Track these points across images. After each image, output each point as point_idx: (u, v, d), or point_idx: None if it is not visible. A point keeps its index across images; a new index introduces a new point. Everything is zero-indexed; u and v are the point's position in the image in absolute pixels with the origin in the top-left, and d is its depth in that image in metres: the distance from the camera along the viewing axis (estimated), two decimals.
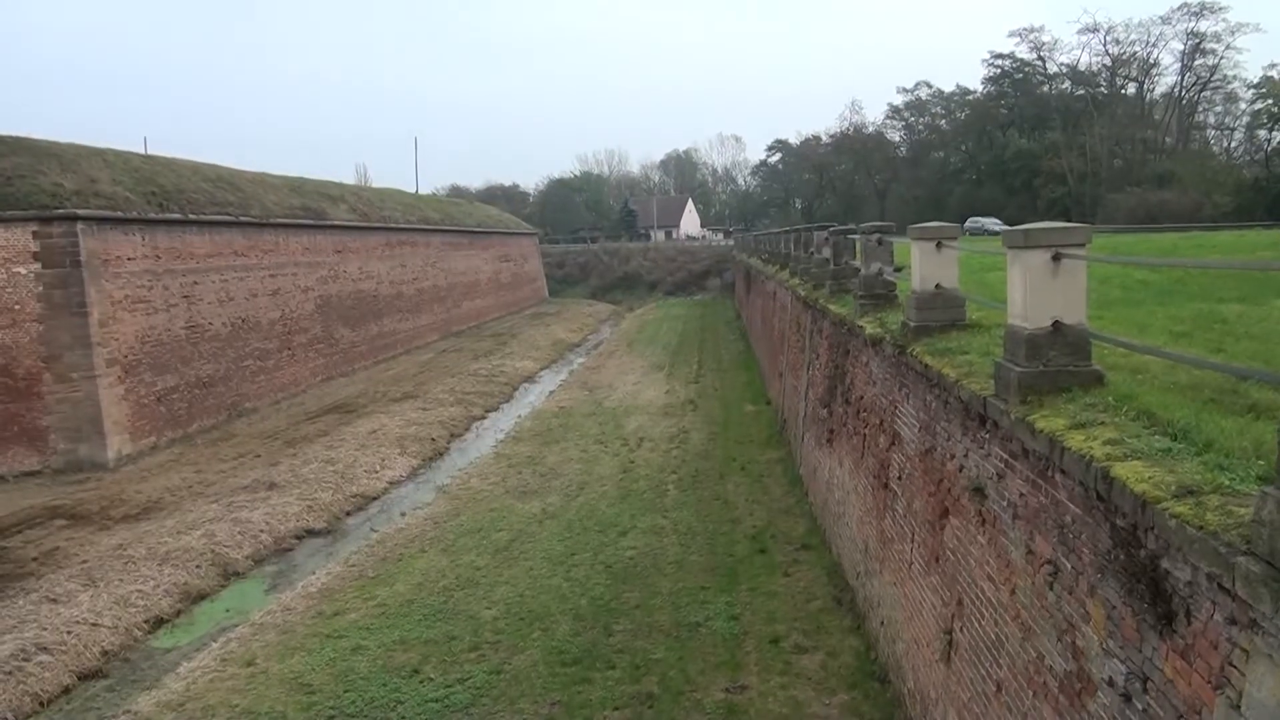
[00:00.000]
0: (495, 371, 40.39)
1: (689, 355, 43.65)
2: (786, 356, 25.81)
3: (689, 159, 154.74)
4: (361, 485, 23.09)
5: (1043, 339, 6.90)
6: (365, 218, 47.41)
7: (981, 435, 8.03)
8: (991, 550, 7.70)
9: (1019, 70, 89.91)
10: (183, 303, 29.81)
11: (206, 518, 20.04)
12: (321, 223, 41.24)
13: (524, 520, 19.50)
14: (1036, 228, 6.95)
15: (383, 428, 28.70)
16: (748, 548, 17.13)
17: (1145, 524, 4.91)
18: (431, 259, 56.58)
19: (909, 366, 10.65)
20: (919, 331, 10.64)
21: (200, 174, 34.48)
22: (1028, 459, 6.86)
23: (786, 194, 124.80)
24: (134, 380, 26.91)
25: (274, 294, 35.98)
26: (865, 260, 14.43)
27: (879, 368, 12.75)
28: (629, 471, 23.04)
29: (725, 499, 20.30)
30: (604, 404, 32.24)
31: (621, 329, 59.89)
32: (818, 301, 19.08)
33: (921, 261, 10.60)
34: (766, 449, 24.50)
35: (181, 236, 30.19)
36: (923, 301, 10.66)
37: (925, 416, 10.09)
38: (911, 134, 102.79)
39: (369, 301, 45.59)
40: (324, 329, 40.00)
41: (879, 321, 13.10)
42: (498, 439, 28.52)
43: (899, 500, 11.23)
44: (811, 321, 20.63)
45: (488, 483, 22.83)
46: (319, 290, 40.08)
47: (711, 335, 51.84)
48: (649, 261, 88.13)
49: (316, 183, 46.72)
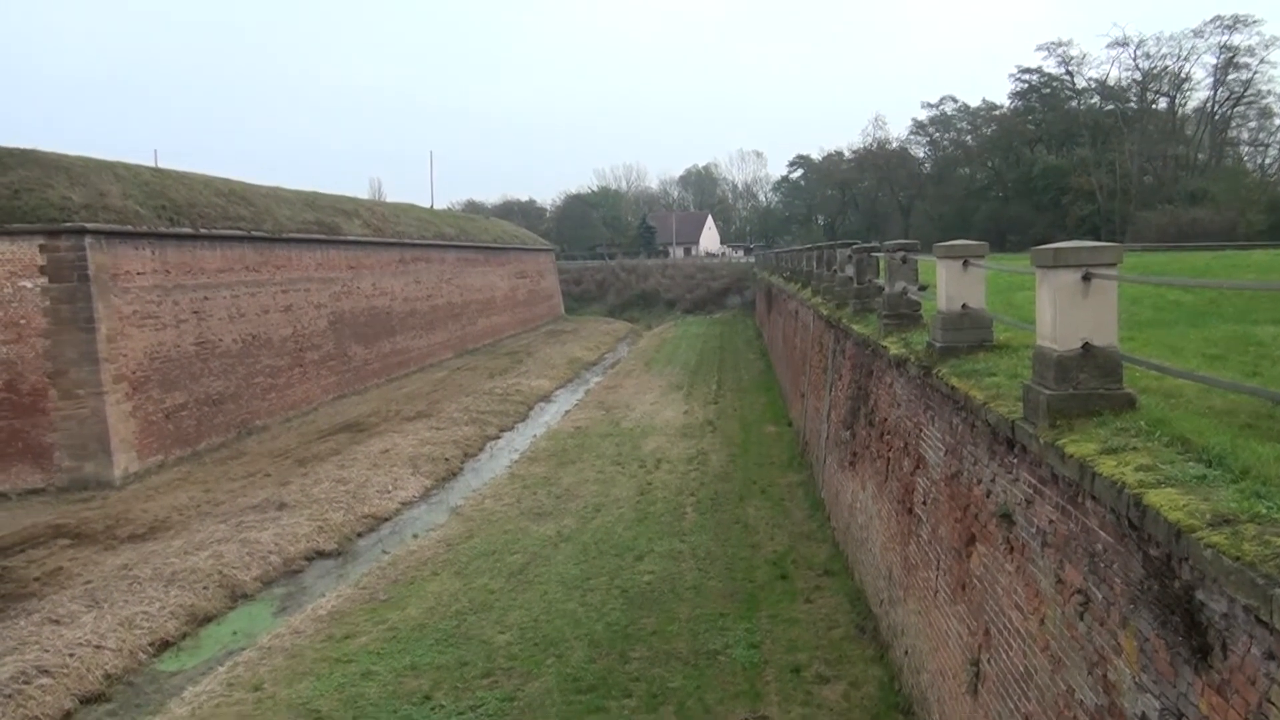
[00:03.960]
0: (510, 390, 40.46)
1: (708, 375, 43.61)
2: (808, 377, 25.73)
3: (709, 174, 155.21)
4: (373, 506, 23.13)
5: (1073, 361, 6.86)
6: (379, 233, 47.73)
7: (1009, 460, 7.98)
8: (1020, 579, 7.64)
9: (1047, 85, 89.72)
10: (193, 318, 30.06)
11: (214, 538, 20.11)
12: (335, 238, 41.56)
13: (538, 543, 19.48)
14: (1065, 246, 6.93)
15: (395, 447, 28.77)
16: (768, 573, 17.04)
17: (1179, 554, 4.86)
18: (446, 275, 56.87)
19: (934, 388, 10.61)
20: (945, 352, 10.60)
21: (212, 188, 34.82)
22: (1057, 485, 6.81)
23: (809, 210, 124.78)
24: (142, 397, 27.10)
25: (286, 310, 36.24)
26: (889, 279, 14.40)
27: (903, 389, 12.70)
28: (646, 494, 22.99)
29: (745, 523, 20.22)
30: (621, 424, 32.23)
31: (639, 347, 59.91)
32: (840, 321, 19.05)
33: (947, 280, 10.56)
34: (787, 472, 24.41)
35: (192, 251, 30.48)
36: (949, 321, 10.62)
37: (951, 440, 10.04)
38: (936, 150, 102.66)
39: (382, 318, 45.84)
40: (336, 346, 40.24)
41: (903, 342, 13.06)
42: (512, 459, 28.52)
43: (924, 526, 11.15)
44: (834, 341, 20.59)
45: (502, 504, 22.83)
46: (332, 306, 40.35)
47: (731, 354, 51.78)
48: (667, 279, 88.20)
49: (330, 197, 47.12)
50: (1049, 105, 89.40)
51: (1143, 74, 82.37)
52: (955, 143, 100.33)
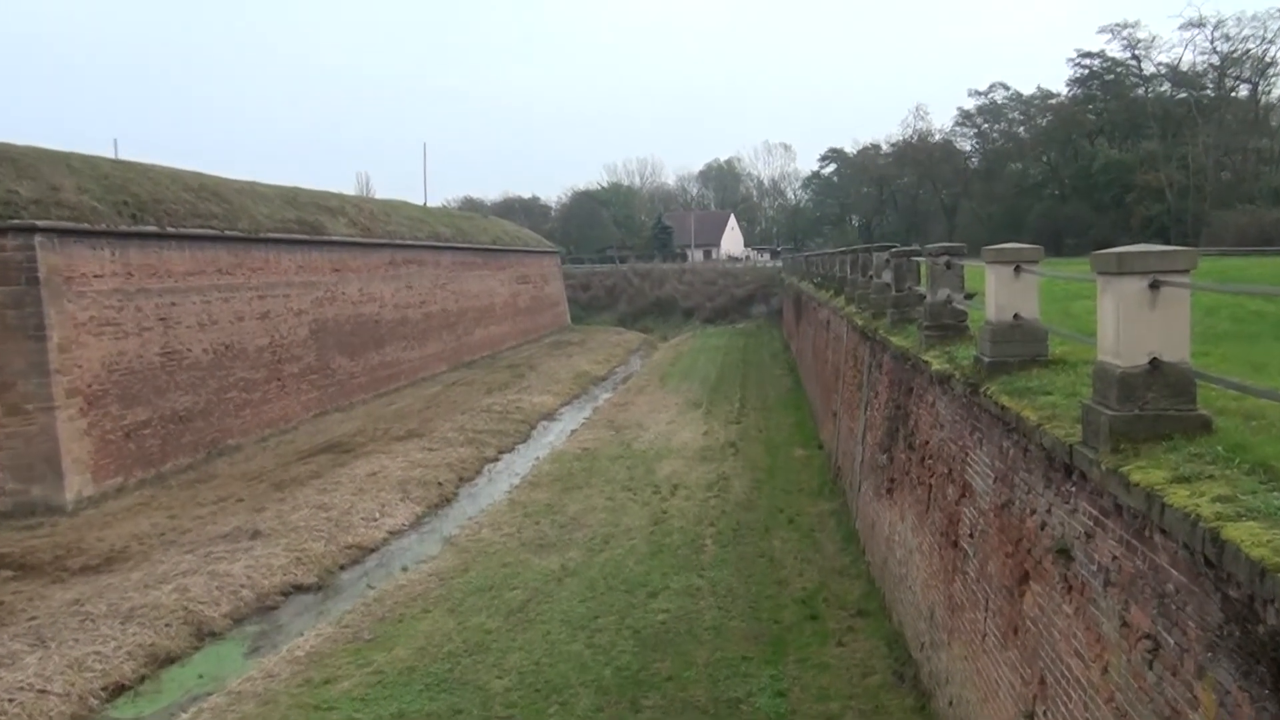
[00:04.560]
0: (510, 407, 40.53)
1: (730, 391, 43.59)
2: (841, 394, 25.69)
3: (731, 170, 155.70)
4: (358, 535, 23.15)
5: (1139, 378, 6.81)
6: (367, 233, 48.01)
7: (1067, 488, 7.94)
8: (1079, 622, 7.58)
9: (1110, 70, 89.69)
10: (158, 326, 30.18)
11: (179, 570, 20.11)
12: (318, 238, 41.79)
13: (541, 577, 19.45)
14: (1131, 251, 6.88)
15: (383, 470, 28.83)
16: (796, 613, 16.97)
17: (1264, 595, 4.79)
18: (441, 280, 57.13)
19: (982, 408, 10.58)
20: (994, 368, 10.57)
21: (180, 182, 35.02)
22: (1121, 517, 6.76)
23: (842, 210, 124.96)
24: (99, 413, 27.13)
25: (263, 317, 36.41)
26: (932, 286, 14.37)
27: (947, 409, 12.66)
28: (661, 523, 22.95)
29: (771, 556, 20.16)
30: (633, 446, 32.24)
31: (653, 361, 59.95)
32: (877, 332, 19.05)
33: (997, 288, 10.54)
34: (818, 500, 24.35)
35: (158, 252, 30.62)
36: (998, 333, 10.60)
37: (1001, 465, 10.00)
38: (984, 143, 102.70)
39: (370, 327, 46.04)
40: (318, 357, 40.40)
41: (947, 356, 13.03)
42: (512, 484, 28.55)
43: (970, 562, 11.10)
44: (870, 355, 20.56)
45: (501, 534, 22.82)
46: (314, 314, 40.53)
47: (756, 369, 51.74)
48: (685, 284, 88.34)
49: (313, 193, 47.39)
50: (1112, 93, 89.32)
51: (1221, 58, 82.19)
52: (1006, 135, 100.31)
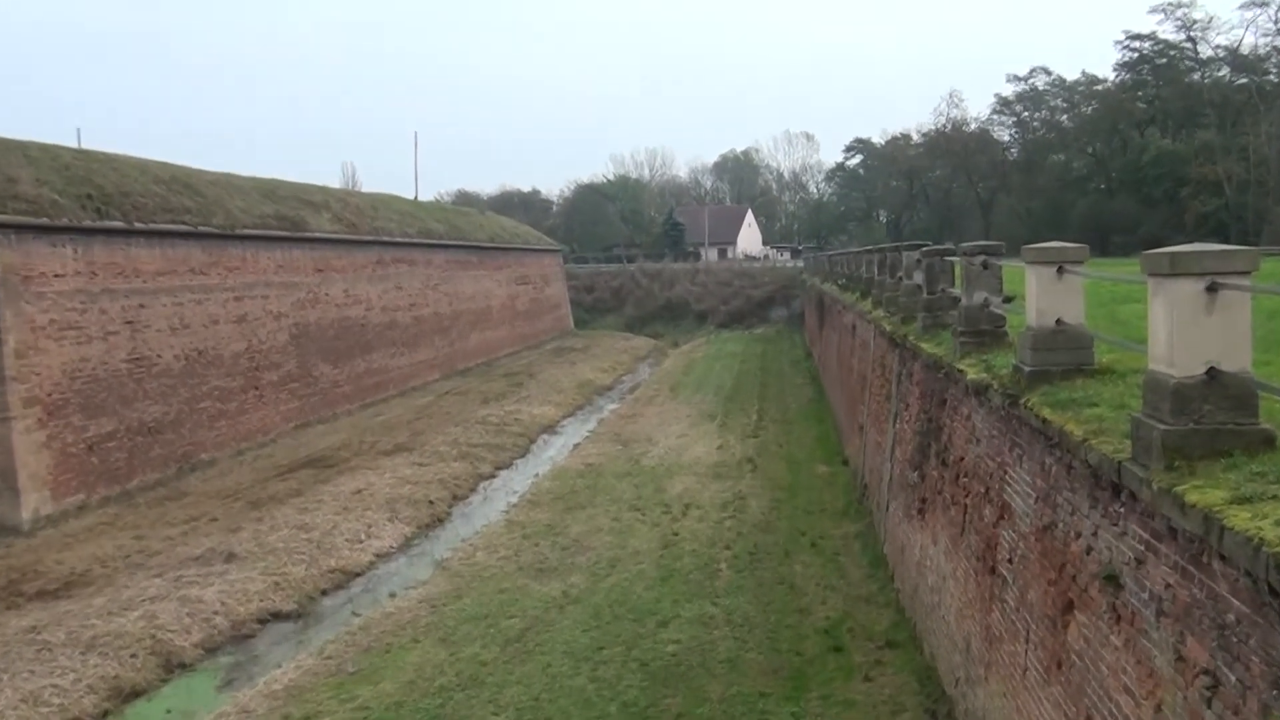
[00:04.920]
0: (508, 419, 40.61)
1: (747, 402, 43.61)
2: (868, 406, 25.65)
3: (749, 161, 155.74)
4: (342, 558, 23.18)
5: (1194, 389, 6.79)
6: (353, 229, 48.15)
7: (1115, 509, 7.92)
8: (1130, 655, 7.56)
9: (1162, 54, 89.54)
10: (125, 330, 30.27)
11: (147, 595, 20.14)
12: (299, 235, 41.92)
13: (541, 605, 19.45)
14: (1185, 250, 6.87)
15: (369, 487, 28.90)
16: (819, 644, 16.95)
17: None
18: (433, 280, 57.28)
19: (1022, 421, 10.58)
20: (1035, 377, 10.56)
21: (149, 174, 35.14)
22: (1176, 541, 6.74)
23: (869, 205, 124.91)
24: (59, 424, 27.19)
25: (239, 321, 36.51)
26: (967, 288, 14.36)
27: (984, 422, 12.65)
28: (671, 546, 22.95)
29: (791, 583, 20.14)
30: (641, 461, 32.27)
31: (664, 369, 60.00)
32: (907, 338, 19.04)
33: (1039, 290, 10.54)
34: (842, 521, 24.34)
35: (125, 250, 30.73)
36: (1040, 340, 10.60)
37: (1043, 484, 9.99)
38: (1024, 132, 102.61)
39: (355, 331, 46.16)
40: (300, 364, 40.50)
41: (984, 364, 13.02)
42: (510, 502, 28.60)
43: (1009, 589, 11.08)
44: (899, 363, 20.54)
45: (497, 557, 22.83)
46: (294, 317, 40.65)
47: (775, 378, 51.76)
48: (698, 286, 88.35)
49: (294, 186, 47.61)
50: (1164, 78, 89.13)
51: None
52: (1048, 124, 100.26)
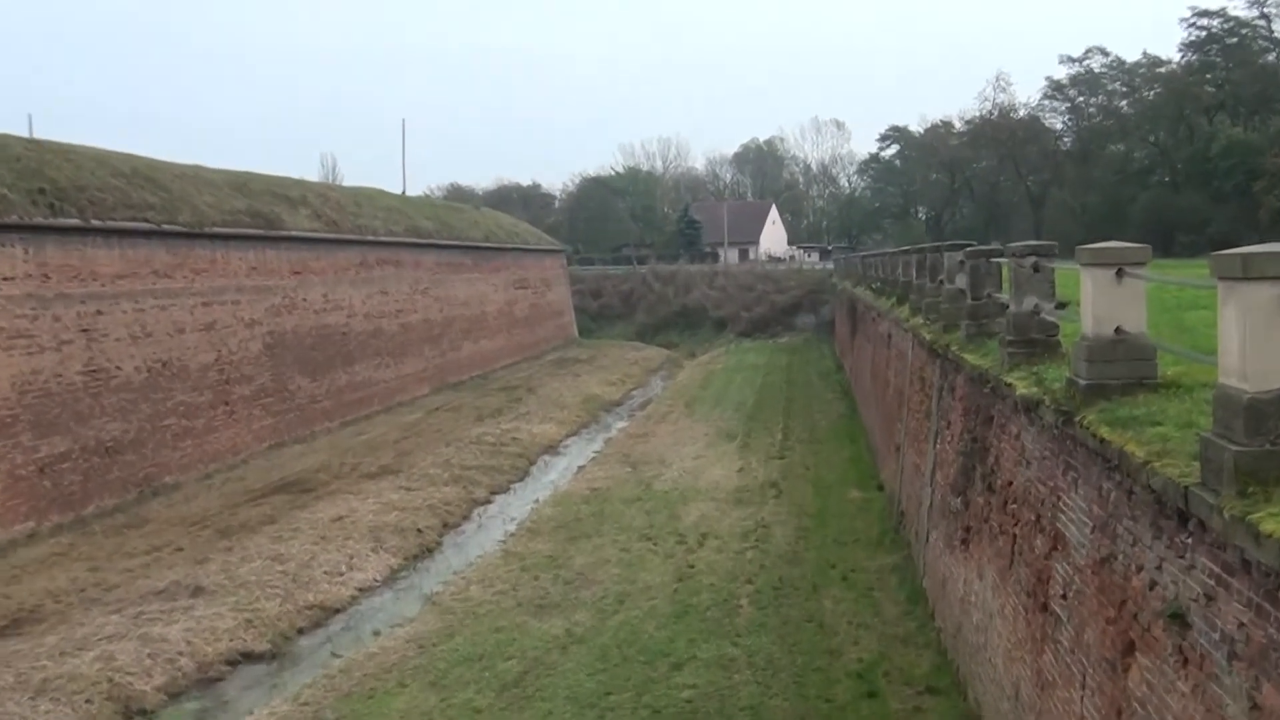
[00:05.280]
0: (505, 438, 40.65)
1: (771, 420, 43.66)
2: (905, 424, 25.61)
3: (772, 152, 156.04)
4: (320, 592, 23.19)
5: (1271, 406, 6.76)
6: (334, 227, 48.31)
7: (1182, 540, 7.88)
8: (1198, 702, 7.51)
9: (1233, 33, 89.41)
10: (80, 339, 30.36)
11: (104, 634, 20.13)
12: (274, 233, 42.05)
13: (541, 645, 19.44)
14: (1260, 252, 6.83)
15: (351, 514, 28.92)
16: (851, 689, 16.90)
17: None
18: (422, 284, 57.44)
19: (1077, 441, 10.55)
20: (1092, 392, 10.54)
21: (109, 166, 35.25)
22: (1250, 575, 6.70)
23: (905, 200, 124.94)
24: (7, 444, 27.24)
25: (207, 329, 36.58)
26: (1015, 293, 14.34)
27: (1035, 442, 12.62)
28: (687, 580, 22.93)
29: (820, 621, 20.11)
30: (653, 486, 32.28)
31: (678, 382, 60.11)
32: (949, 349, 19.03)
33: (1095, 295, 10.51)
34: (877, 552, 24.31)
35: (81, 250, 30.81)
36: (1097, 351, 10.57)
37: (1101, 512, 9.95)
38: (1079, 119, 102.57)
39: (336, 340, 46.27)
40: (274, 377, 40.58)
41: (1035, 378, 13.00)
42: (507, 531, 28.64)
43: (1064, 628, 11.04)
44: (940, 376, 20.52)
45: (493, 592, 22.84)
46: (269, 324, 40.74)
47: (802, 392, 51.82)
48: (717, 290, 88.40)
49: (269, 179, 47.84)
50: (1235, 60, 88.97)
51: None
52: (1105, 110, 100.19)
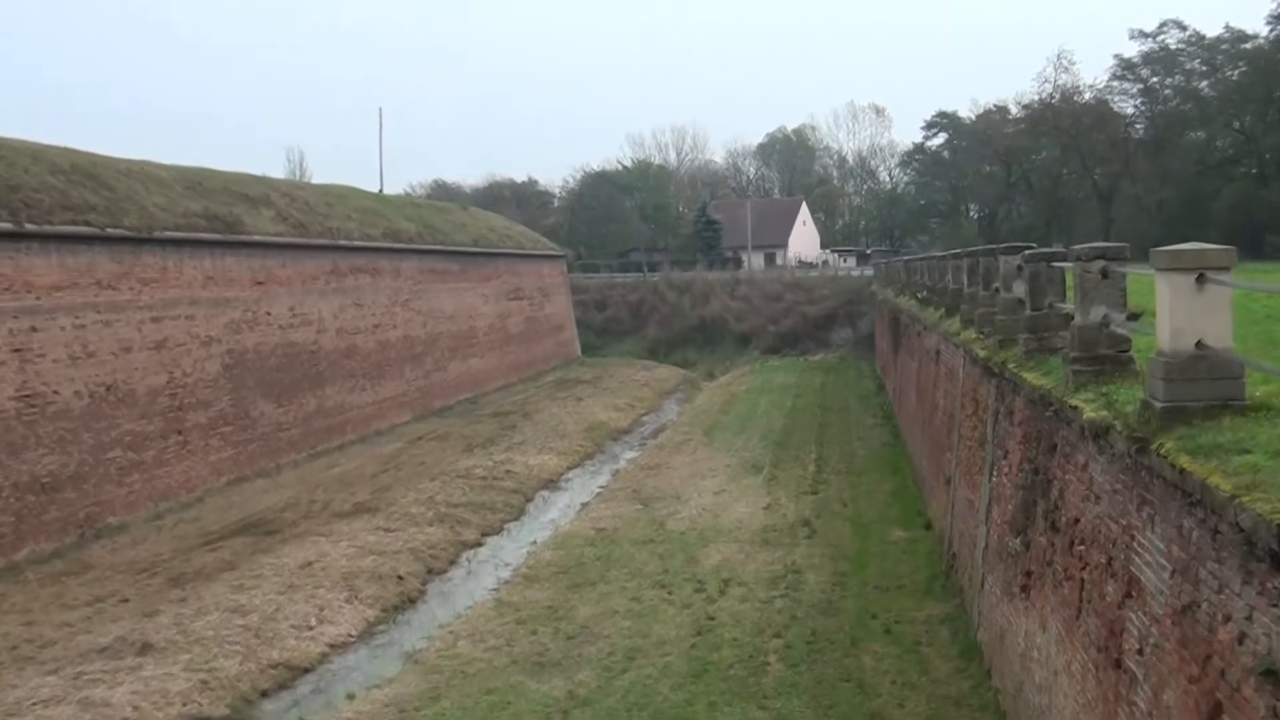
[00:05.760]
0: (498, 471, 40.67)
1: (802, 449, 43.66)
2: (956, 453, 25.55)
3: (802, 142, 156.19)
4: (287, 649, 23.19)
5: None
6: (302, 230, 48.41)
7: (1275, 586, 7.86)
8: None
9: None
10: (12, 360, 30.44)
11: (39, 697, 20.11)
12: (234, 238, 42.08)
13: (540, 709, 19.43)
14: None
15: (322, 558, 28.92)
16: None
17: None
18: (402, 294, 57.52)
19: (1154, 472, 10.52)
20: (1170, 416, 10.51)
21: (45, 162, 35.40)
22: None
23: (955, 196, 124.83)
24: None
25: (157, 347, 36.60)
26: (1082, 302, 14.31)
27: (1105, 474, 12.57)
28: (706, 634, 22.92)
29: (860, 680, 20.08)
30: (667, 525, 32.23)
31: (696, 406, 60.15)
32: (1006, 366, 19.02)
33: (1173, 305, 10.51)
34: (924, 600, 24.28)
35: (13, 258, 30.94)
36: (1176, 368, 10.56)
37: (1181, 554, 9.91)
38: (1153, 103, 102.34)
39: (305, 360, 46.33)
40: (234, 403, 40.60)
41: (1104, 400, 12.98)
42: (501, 578, 28.65)
43: (1139, 688, 10.99)
44: (996, 398, 20.49)
45: (484, 648, 22.83)
46: (228, 342, 40.78)
47: (838, 416, 51.82)
48: (739, 301, 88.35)
49: (227, 176, 47.87)
50: None
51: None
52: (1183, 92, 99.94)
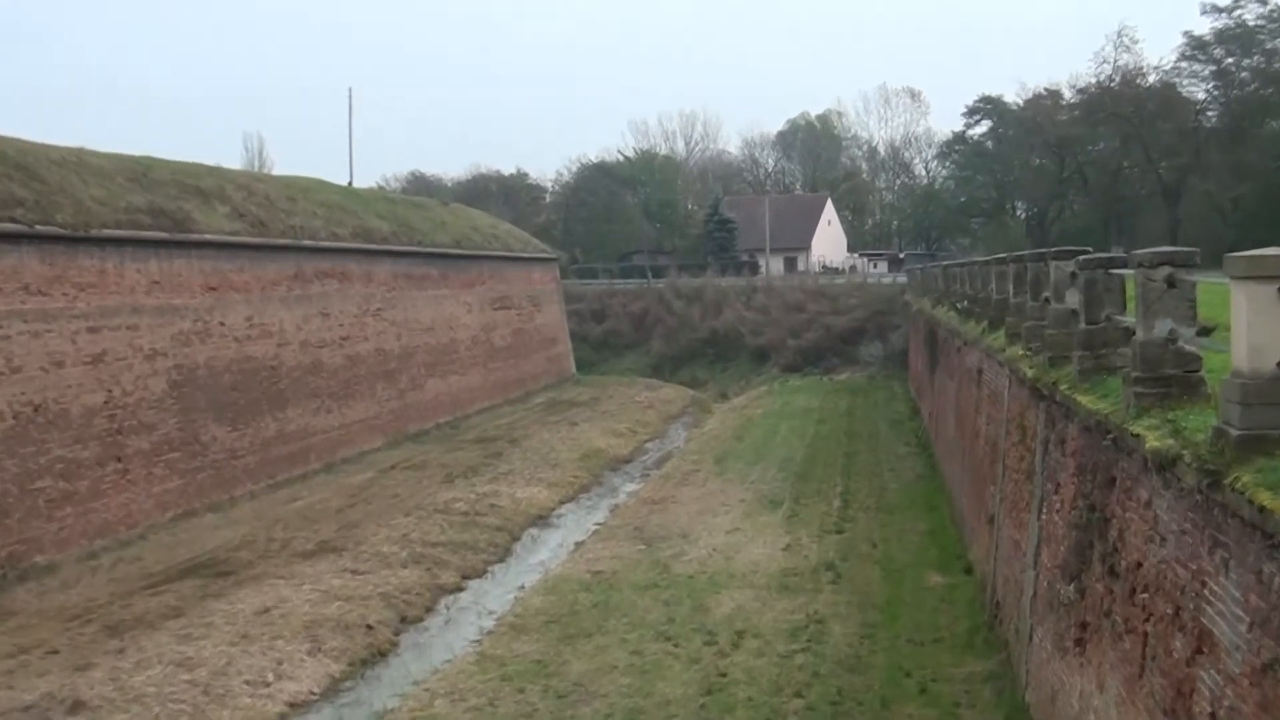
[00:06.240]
0: (481, 506, 40.64)
1: (826, 482, 43.65)
2: (1001, 487, 25.52)
3: (827, 131, 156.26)
4: (240, 709, 23.15)
5: None
6: (261, 228, 48.38)
7: None
8: None
9: None
10: None
11: None
12: (184, 237, 42.00)
13: None
14: None
15: (281, 604, 28.87)
16: None
17: None
18: (374, 302, 57.54)
19: (1229, 510, 10.50)
20: (1247, 445, 10.50)
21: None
22: None
23: (1000, 193, 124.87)
24: None
25: (94, 362, 36.50)
26: (1145, 315, 14.28)
27: (1171, 512, 12.55)
28: (717, 693, 22.94)
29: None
30: (673, 568, 32.23)
31: (706, 432, 60.23)
32: (1057, 388, 19.04)
33: (1251, 318, 10.51)
34: (965, 656, 24.28)
35: None
36: (1254, 391, 10.55)
37: (1260, 603, 9.89)
38: (1228, 87, 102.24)
39: (264, 377, 46.28)
40: (182, 425, 40.49)
41: (1170, 427, 12.95)
42: (483, 627, 28.68)
43: None
44: (1046, 424, 20.48)
45: (464, 708, 22.86)
46: (175, 357, 40.68)
47: (867, 445, 51.85)
48: (756, 311, 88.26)
49: (176, 167, 47.83)
50: None
51: None
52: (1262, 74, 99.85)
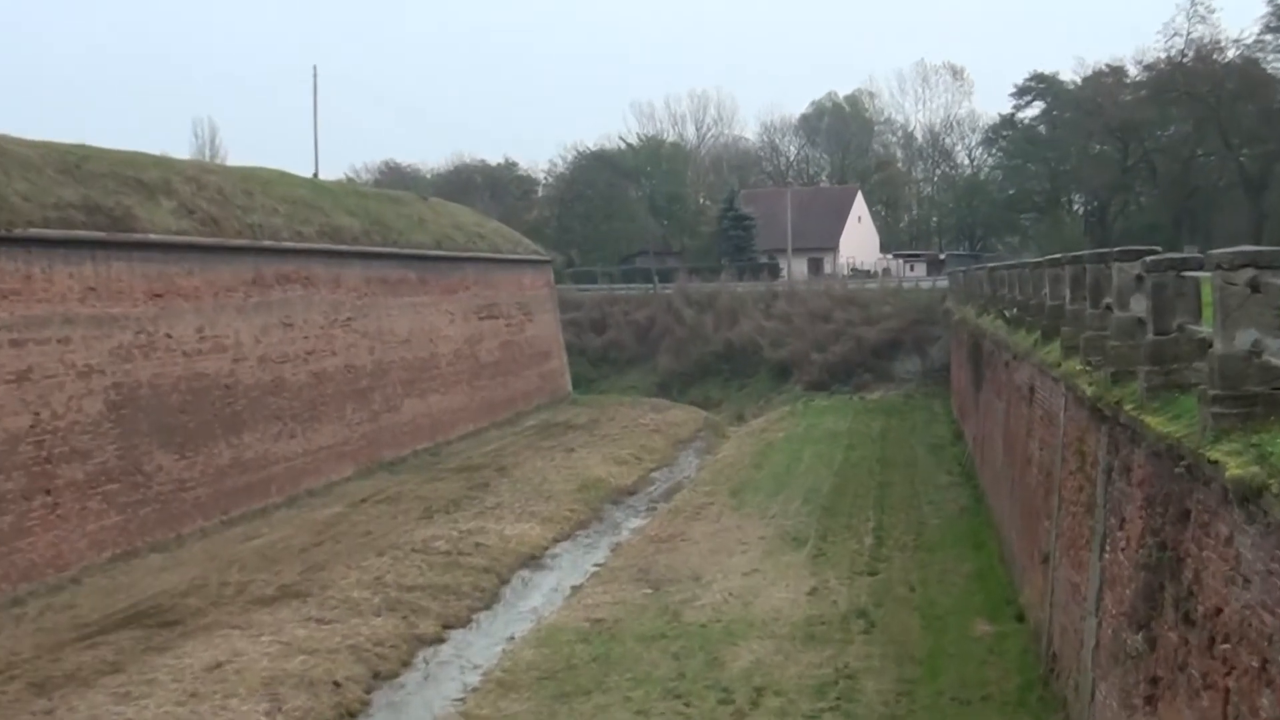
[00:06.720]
0: (465, 544, 40.67)
1: (857, 516, 43.69)
2: (1057, 522, 25.49)
3: (858, 114, 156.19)
4: None
5: None
6: (214, 227, 48.38)
7: None
8: None
9: None
10: None
11: None
12: (124, 237, 42.07)
13: None
14: None
15: (236, 659, 28.82)
16: None
17: None
18: (344, 311, 57.68)
19: None
20: None
21: None
22: None
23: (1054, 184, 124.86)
24: None
25: (19, 380, 36.49)
26: (1224, 324, 14.18)
27: (1257, 550, 12.44)
28: None
29: None
30: (683, 616, 32.25)
31: (721, 459, 60.38)
32: (1121, 408, 18.95)
33: None
34: (1017, 714, 24.31)
35: None
36: None
37: None
38: None
39: (217, 398, 46.33)
40: (122, 453, 40.47)
41: (1255, 452, 12.82)
42: (467, 684, 28.66)
43: None
44: (1108, 450, 20.40)
45: None
46: (114, 374, 40.71)
47: (903, 474, 51.95)
48: (776, 320, 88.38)
49: (115, 157, 47.81)
50: None
51: None
52: None
